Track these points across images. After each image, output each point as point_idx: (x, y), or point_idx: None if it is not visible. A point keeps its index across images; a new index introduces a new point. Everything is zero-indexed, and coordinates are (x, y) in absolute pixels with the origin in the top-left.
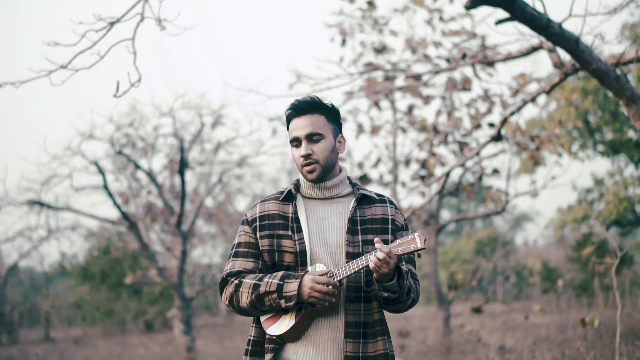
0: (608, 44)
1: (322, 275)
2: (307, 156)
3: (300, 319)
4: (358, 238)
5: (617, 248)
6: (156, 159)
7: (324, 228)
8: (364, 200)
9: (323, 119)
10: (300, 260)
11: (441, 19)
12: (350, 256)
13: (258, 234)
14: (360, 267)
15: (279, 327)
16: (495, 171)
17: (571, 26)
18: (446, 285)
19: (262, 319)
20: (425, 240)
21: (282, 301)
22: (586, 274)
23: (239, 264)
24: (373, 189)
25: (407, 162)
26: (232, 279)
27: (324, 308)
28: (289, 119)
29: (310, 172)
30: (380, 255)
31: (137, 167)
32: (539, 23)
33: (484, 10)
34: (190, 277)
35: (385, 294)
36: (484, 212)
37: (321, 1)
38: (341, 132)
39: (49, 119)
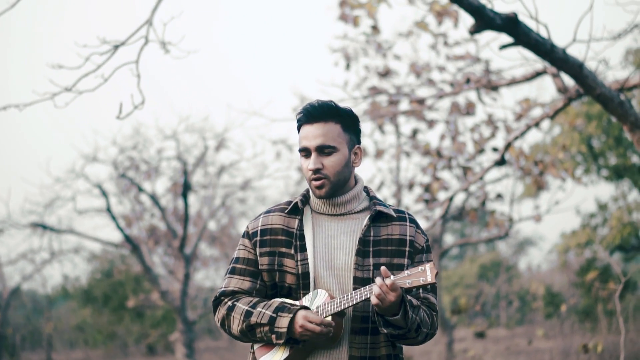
0: (612, 70)
1: (317, 314)
2: (316, 170)
3: (294, 353)
4: (369, 261)
5: (621, 273)
6: (159, 182)
7: (331, 248)
8: (380, 218)
9: (338, 129)
10: (303, 283)
11: (445, 43)
12: (359, 282)
13: (258, 250)
14: (363, 298)
15: (271, 358)
16: (499, 196)
17: (575, 51)
18: (449, 309)
19: (256, 346)
20: (437, 273)
21: (273, 336)
22: (590, 299)
23: (235, 283)
24: None
25: (411, 186)
26: (226, 300)
27: (323, 341)
28: (299, 124)
29: (319, 187)
30: (381, 285)
31: (141, 190)
32: (543, 48)
33: (488, 35)
34: (193, 300)
35: (386, 330)
36: (488, 237)
37: (325, 25)
38: (359, 143)
39: (52, 142)
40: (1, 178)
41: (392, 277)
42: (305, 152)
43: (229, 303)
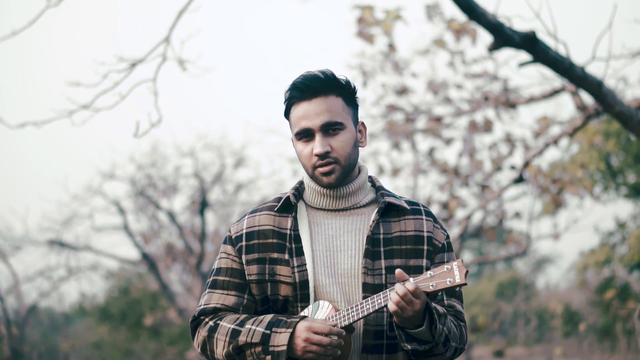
0: (631, 88)
1: (324, 321)
2: (324, 154)
3: None
4: (380, 264)
5: None
6: (177, 199)
7: (333, 250)
8: (390, 211)
9: (341, 102)
10: (301, 294)
11: (463, 61)
12: (369, 289)
13: (244, 258)
14: (376, 307)
15: None
16: (517, 214)
17: (594, 69)
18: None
19: None
20: (467, 272)
21: (268, 358)
22: (608, 318)
23: (217, 299)
24: None
25: (428, 204)
26: (207, 319)
27: None
28: (291, 104)
29: (328, 174)
30: (401, 290)
31: (158, 207)
32: (561, 66)
33: (506, 53)
34: None
35: (410, 346)
36: (506, 255)
37: (342, 42)
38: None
39: (70, 159)
40: (19, 195)
41: (411, 280)
42: (306, 135)
43: (211, 323)
